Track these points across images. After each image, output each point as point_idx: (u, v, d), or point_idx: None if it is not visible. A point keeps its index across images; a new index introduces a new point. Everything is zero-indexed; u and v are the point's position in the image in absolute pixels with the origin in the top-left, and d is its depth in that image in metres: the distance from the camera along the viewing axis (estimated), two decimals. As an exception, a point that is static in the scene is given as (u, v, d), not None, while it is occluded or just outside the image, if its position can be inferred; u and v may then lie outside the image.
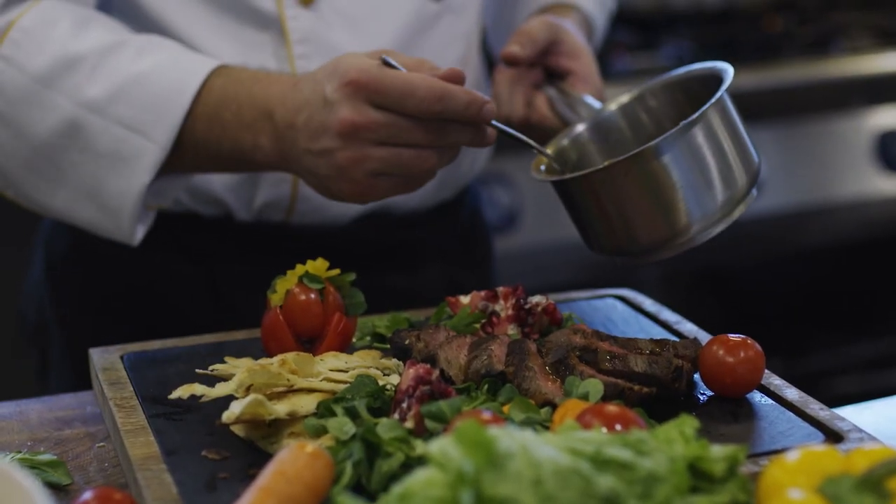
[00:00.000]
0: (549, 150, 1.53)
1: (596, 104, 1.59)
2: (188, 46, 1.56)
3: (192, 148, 1.48)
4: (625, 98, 1.58)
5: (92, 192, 1.49)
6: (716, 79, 1.44)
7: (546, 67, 1.66)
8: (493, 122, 1.39)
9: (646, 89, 1.58)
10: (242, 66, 1.53)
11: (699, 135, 1.38)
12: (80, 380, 1.50)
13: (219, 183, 1.68)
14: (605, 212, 1.41)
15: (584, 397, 1.24)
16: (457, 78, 1.36)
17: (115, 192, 1.48)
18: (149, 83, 1.46)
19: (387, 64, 1.36)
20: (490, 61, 1.99)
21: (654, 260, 1.44)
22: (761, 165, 1.45)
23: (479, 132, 1.39)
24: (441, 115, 1.34)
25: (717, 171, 1.39)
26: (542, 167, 1.50)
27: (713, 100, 1.39)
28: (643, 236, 1.41)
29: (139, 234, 1.53)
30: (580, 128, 1.57)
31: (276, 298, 1.40)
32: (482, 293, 1.44)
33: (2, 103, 1.48)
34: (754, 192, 1.43)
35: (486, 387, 1.27)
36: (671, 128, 1.40)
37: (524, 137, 1.46)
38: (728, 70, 1.44)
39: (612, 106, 1.58)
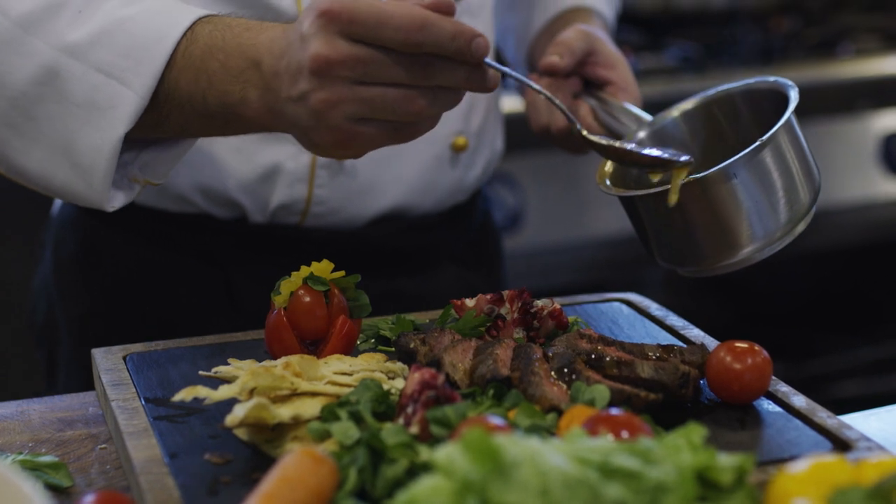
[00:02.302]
0: (610, 161, 1.52)
1: (639, 112, 1.59)
2: None
3: (176, 101, 1.35)
4: (687, 106, 1.58)
5: (67, 149, 1.39)
6: (778, 93, 1.45)
7: (583, 77, 1.66)
8: (489, 62, 1.25)
9: (708, 98, 1.57)
10: None
11: (768, 157, 1.38)
12: (87, 380, 1.49)
13: (234, 184, 1.67)
14: (670, 226, 1.41)
15: (591, 403, 1.23)
16: (444, 7, 1.23)
17: (90, 147, 1.37)
18: (132, 28, 1.35)
19: None
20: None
21: (712, 274, 1.45)
22: (821, 181, 1.45)
23: (475, 73, 1.25)
24: (423, 47, 1.21)
25: (782, 191, 1.40)
26: (608, 181, 1.50)
27: (782, 121, 1.39)
28: (705, 251, 1.42)
29: (116, 200, 1.42)
30: (640, 135, 1.57)
31: (280, 300, 1.39)
32: (488, 296, 1.43)
33: None
34: (815, 208, 1.43)
35: (491, 392, 1.27)
36: (732, 140, 1.40)
37: (531, 82, 1.39)
38: (793, 87, 1.44)
39: (674, 113, 1.58)
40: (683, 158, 1.39)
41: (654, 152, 1.42)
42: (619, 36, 2.16)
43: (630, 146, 1.44)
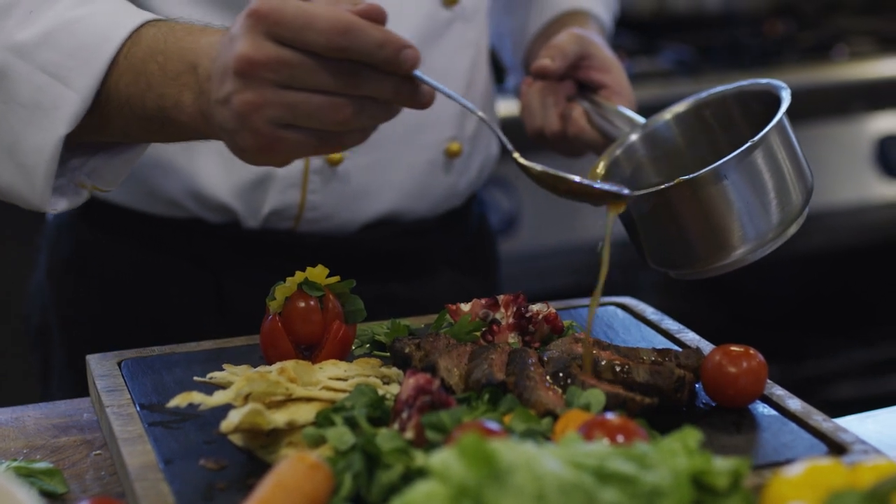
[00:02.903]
0: (602, 163, 1.52)
1: (633, 116, 1.59)
2: None
3: (116, 104, 1.33)
4: (679, 108, 1.58)
5: (12, 149, 1.37)
6: (771, 95, 1.44)
7: (577, 80, 1.66)
8: (421, 76, 1.20)
9: (700, 101, 1.57)
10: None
11: (759, 158, 1.38)
12: (81, 384, 1.49)
13: (226, 190, 1.67)
14: (661, 228, 1.41)
15: (586, 408, 1.23)
16: (374, 14, 1.18)
17: (32, 147, 1.35)
18: (79, 29, 1.34)
19: None
20: (496, 69, 1.98)
21: (705, 276, 1.44)
22: (814, 182, 1.45)
23: (405, 86, 1.21)
24: (347, 52, 1.16)
25: (774, 192, 1.39)
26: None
27: (773, 122, 1.38)
28: (697, 253, 1.41)
29: (58, 204, 1.40)
30: (633, 138, 1.56)
31: (275, 305, 1.39)
32: (483, 301, 1.43)
33: None
34: (807, 209, 1.43)
35: (486, 396, 1.26)
36: (724, 142, 1.40)
37: (465, 102, 1.32)
38: (785, 90, 1.44)
39: (666, 116, 1.58)
40: (625, 192, 1.35)
41: (592, 183, 1.36)
42: (613, 39, 2.17)
43: (568, 175, 1.34)
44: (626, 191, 1.36)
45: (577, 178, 1.34)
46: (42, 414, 1.42)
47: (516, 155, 1.35)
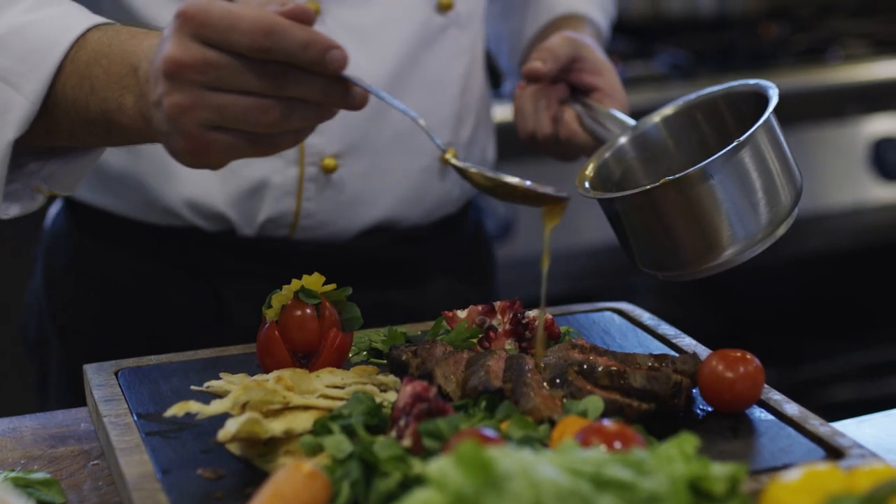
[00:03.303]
0: (591, 165, 1.52)
1: (625, 119, 1.59)
2: None
3: (63, 107, 1.33)
4: (668, 111, 1.58)
5: None
6: (759, 96, 1.45)
7: (569, 83, 1.66)
8: (352, 77, 1.20)
9: (689, 103, 1.57)
10: None
11: (746, 157, 1.38)
12: (78, 394, 1.49)
13: (221, 198, 1.68)
14: (649, 230, 1.41)
15: (583, 414, 1.23)
16: (300, 15, 1.18)
17: None
18: (29, 34, 1.34)
19: None
20: (493, 74, 1.98)
21: (694, 277, 1.44)
22: (803, 183, 1.45)
23: (334, 87, 1.20)
24: (271, 53, 1.16)
25: (762, 192, 1.39)
26: (587, 184, 1.50)
27: (761, 121, 1.38)
28: (686, 255, 1.41)
29: (9, 210, 1.40)
30: (622, 140, 1.57)
31: (271, 313, 1.39)
32: (479, 307, 1.43)
33: None
34: (797, 210, 1.43)
35: (483, 404, 1.26)
36: (714, 143, 1.40)
37: (399, 104, 1.28)
38: (774, 90, 1.44)
39: (655, 118, 1.58)
40: (563, 195, 1.33)
41: (527, 184, 1.32)
42: (608, 44, 2.17)
43: (500, 176, 1.32)
44: (564, 194, 1.33)
45: (515, 180, 1.32)
46: (39, 424, 1.42)
47: (448, 156, 1.35)
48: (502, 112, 2.24)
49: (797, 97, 3.14)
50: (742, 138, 1.37)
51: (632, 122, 1.58)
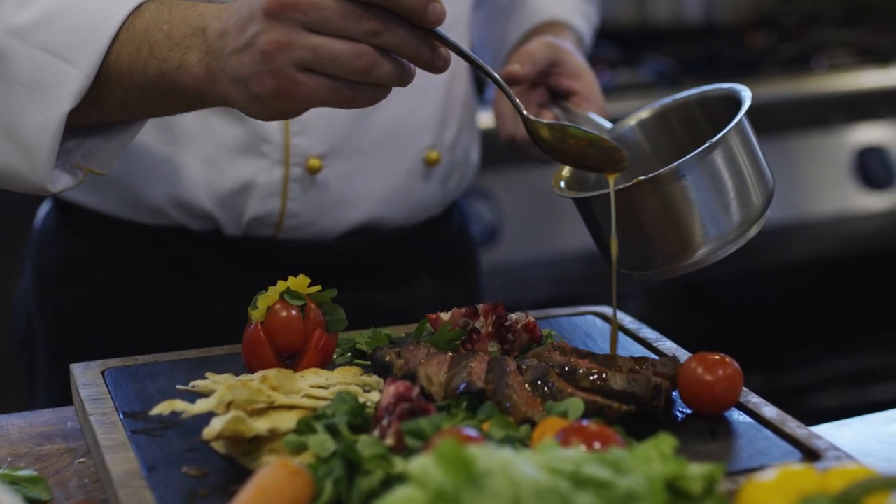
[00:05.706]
0: (567, 167, 1.53)
1: (602, 122, 1.61)
2: None
3: (117, 75, 1.36)
4: (643, 114, 1.60)
5: (11, 129, 1.39)
6: (733, 100, 1.47)
7: (548, 88, 1.68)
8: (443, 34, 1.26)
9: (664, 106, 1.59)
10: None
11: (718, 158, 1.40)
12: (66, 393, 1.50)
13: (207, 197, 1.69)
14: (624, 231, 1.42)
15: (564, 415, 1.24)
16: None
17: (34, 125, 1.37)
18: (78, 9, 1.37)
19: None
20: (479, 79, 2.00)
21: (668, 276, 1.46)
22: (775, 186, 1.47)
23: (424, 44, 1.25)
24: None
25: (734, 192, 1.41)
26: (563, 184, 1.52)
27: (733, 123, 1.40)
28: (659, 254, 1.43)
29: (59, 182, 1.42)
30: None
31: (257, 314, 1.40)
32: (462, 310, 1.44)
33: None
34: (768, 212, 1.45)
35: (465, 404, 1.28)
36: (689, 146, 1.41)
37: (488, 68, 1.35)
38: (746, 92, 1.46)
39: (631, 122, 1.60)
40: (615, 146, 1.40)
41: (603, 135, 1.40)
42: (594, 51, 2.18)
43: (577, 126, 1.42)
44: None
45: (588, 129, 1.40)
46: (26, 422, 1.43)
47: (526, 113, 1.40)
48: (487, 118, 2.25)
49: (783, 106, 3.16)
50: (714, 139, 1.39)
51: (609, 124, 1.60)
